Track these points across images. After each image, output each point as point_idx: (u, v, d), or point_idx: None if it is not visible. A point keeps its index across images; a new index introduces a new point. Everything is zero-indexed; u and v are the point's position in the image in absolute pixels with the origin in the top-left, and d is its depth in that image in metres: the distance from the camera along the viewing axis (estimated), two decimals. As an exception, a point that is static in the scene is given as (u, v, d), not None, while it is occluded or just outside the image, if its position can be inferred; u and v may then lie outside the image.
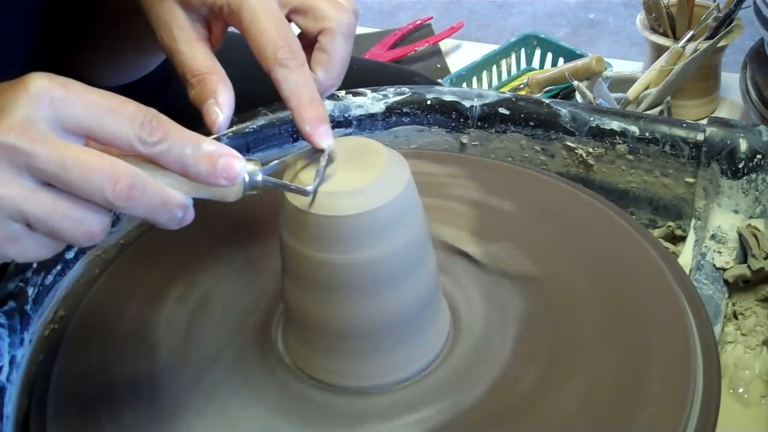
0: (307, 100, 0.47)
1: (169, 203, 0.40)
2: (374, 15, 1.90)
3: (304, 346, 0.52)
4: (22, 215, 0.38)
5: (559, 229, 0.61)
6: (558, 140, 0.72)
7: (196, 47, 0.49)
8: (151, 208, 0.40)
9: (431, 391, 0.50)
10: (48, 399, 0.52)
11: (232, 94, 0.48)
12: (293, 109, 0.47)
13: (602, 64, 1.17)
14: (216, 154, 0.40)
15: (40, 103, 0.38)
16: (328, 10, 0.49)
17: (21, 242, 0.40)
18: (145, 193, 0.39)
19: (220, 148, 0.41)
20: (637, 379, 0.49)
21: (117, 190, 0.38)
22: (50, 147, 0.37)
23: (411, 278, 0.48)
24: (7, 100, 0.37)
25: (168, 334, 0.55)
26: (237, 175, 0.41)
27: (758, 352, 0.62)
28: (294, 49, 0.48)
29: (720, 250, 0.65)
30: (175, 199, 0.41)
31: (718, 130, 0.67)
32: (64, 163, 0.37)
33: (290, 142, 0.71)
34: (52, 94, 0.38)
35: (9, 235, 0.39)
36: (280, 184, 0.45)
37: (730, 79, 1.26)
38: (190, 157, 0.40)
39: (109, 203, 0.39)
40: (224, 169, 0.40)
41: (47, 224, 0.39)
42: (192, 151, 0.40)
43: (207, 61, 0.48)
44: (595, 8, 1.87)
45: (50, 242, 0.41)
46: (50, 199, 0.38)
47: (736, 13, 1.16)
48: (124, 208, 0.39)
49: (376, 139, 0.50)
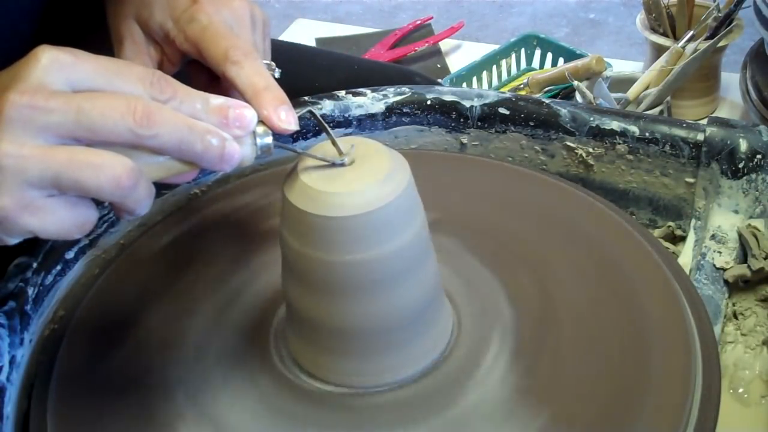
0: (262, 86, 0.47)
1: (195, 128, 0.40)
2: (374, 15, 1.90)
3: (305, 345, 0.52)
4: (41, 176, 0.38)
5: (560, 230, 0.61)
6: (558, 140, 0.72)
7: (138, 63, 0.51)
8: (179, 136, 0.40)
9: (432, 391, 0.50)
10: (48, 399, 0.52)
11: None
12: (250, 99, 0.47)
13: (602, 64, 1.17)
14: (225, 106, 0.41)
15: (51, 68, 0.38)
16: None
17: (40, 212, 0.39)
18: (166, 120, 0.39)
19: (227, 100, 0.42)
20: (637, 379, 0.49)
21: (137, 118, 0.38)
22: (65, 99, 0.38)
23: (412, 278, 0.48)
24: (20, 69, 0.38)
25: (168, 334, 0.55)
26: (249, 122, 0.42)
27: (758, 352, 0.62)
28: (244, 49, 0.49)
29: (720, 250, 0.65)
30: (200, 125, 0.40)
31: (718, 130, 0.67)
32: (81, 108, 0.38)
33: (290, 142, 0.71)
34: (61, 60, 0.39)
35: (26, 203, 0.38)
36: (290, 148, 0.47)
37: (730, 79, 1.26)
38: (201, 112, 0.41)
39: (135, 134, 0.38)
40: (236, 119, 0.41)
41: (68, 177, 0.38)
42: (202, 105, 0.41)
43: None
44: (595, 8, 1.87)
45: (71, 213, 0.40)
46: (67, 152, 0.38)
47: (736, 13, 1.16)
48: (151, 137, 0.39)
49: (376, 139, 0.50)
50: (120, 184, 0.39)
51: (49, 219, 0.39)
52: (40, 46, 0.39)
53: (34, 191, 0.38)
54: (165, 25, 0.52)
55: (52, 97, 0.38)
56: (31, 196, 0.38)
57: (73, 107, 0.38)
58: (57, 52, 0.39)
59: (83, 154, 0.38)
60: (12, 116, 0.37)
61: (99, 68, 0.39)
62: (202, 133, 0.41)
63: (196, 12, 0.51)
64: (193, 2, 0.52)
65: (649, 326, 0.53)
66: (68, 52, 0.39)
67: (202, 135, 0.41)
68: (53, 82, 0.38)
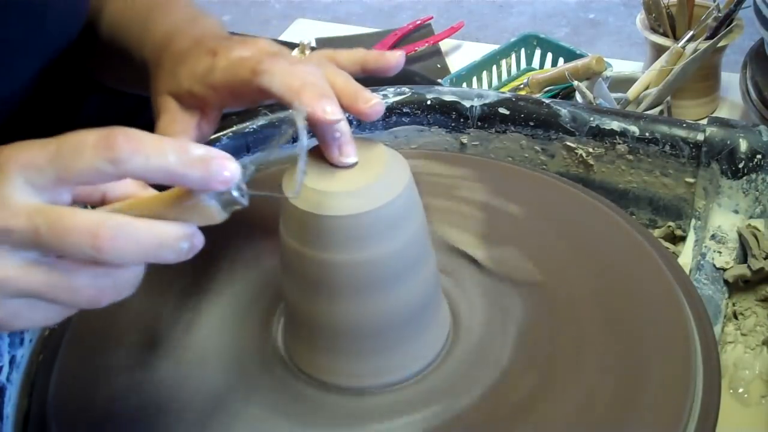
0: (298, 85, 0.46)
1: (167, 240, 0.37)
2: (374, 15, 1.90)
3: (304, 345, 0.52)
4: (23, 292, 0.37)
5: (560, 230, 0.61)
6: (558, 140, 0.72)
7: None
8: (147, 253, 0.37)
9: (430, 391, 0.50)
10: (48, 399, 0.52)
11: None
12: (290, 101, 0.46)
13: (602, 64, 1.17)
14: (208, 157, 0.36)
15: (10, 175, 0.36)
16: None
17: (26, 315, 0.39)
18: (132, 239, 0.36)
19: (209, 150, 0.37)
20: (637, 379, 0.49)
21: (97, 244, 0.36)
22: (25, 218, 0.36)
23: (411, 278, 0.48)
24: None
25: (168, 333, 0.55)
26: (233, 177, 0.37)
27: (758, 352, 0.62)
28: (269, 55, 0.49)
29: (720, 250, 0.65)
30: (171, 233, 0.37)
31: (718, 130, 0.67)
32: (37, 231, 0.36)
33: (291, 142, 0.71)
34: (17, 162, 0.36)
35: (12, 312, 0.38)
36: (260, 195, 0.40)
37: (730, 79, 1.26)
38: (178, 165, 0.36)
39: (97, 260, 0.36)
40: (218, 172, 0.36)
41: (46, 298, 0.38)
42: (177, 158, 0.36)
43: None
44: (595, 8, 1.87)
45: (56, 308, 0.39)
46: (43, 273, 0.37)
47: (736, 13, 1.15)
48: (114, 260, 0.37)
49: (376, 139, 0.50)
50: (98, 303, 0.39)
51: (34, 316, 0.39)
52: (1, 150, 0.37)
53: (18, 300, 0.38)
54: (192, 89, 0.52)
55: (12, 216, 0.36)
56: (16, 306, 0.38)
57: (30, 228, 0.36)
58: (11, 152, 0.37)
59: (60, 278, 0.37)
60: None
61: (52, 156, 0.36)
62: (174, 243, 0.37)
63: (216, 62, 0.51)
64: (213, 56, 0.51)
65: (649, 326, 0.53)
66: (23, 150, 0.37)
67: (172, 245, 0.37)
68: (15, 189, 0.36)
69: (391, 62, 0.51)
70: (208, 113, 0.54)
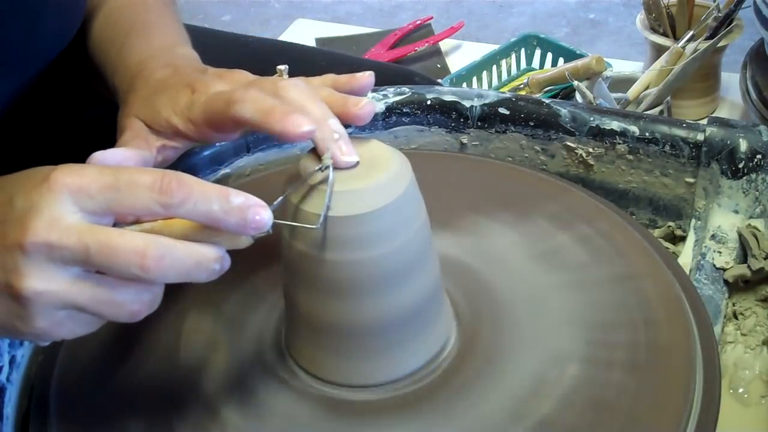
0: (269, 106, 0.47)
1: (203, 261, 0.41)
2: (374, 15, 1.91)
3: (305, 345, 0.52)
4: (68, 305, 0.40)
5: (559, 230, 0.61)
6: (558, 140, 0.72)
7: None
8: (186, 272, 0.40)
9: (431, 391, 0.50)
10: (48, 399, 0.52)
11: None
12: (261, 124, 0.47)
13: (602, 64, 1.17)
14: (245, 206, 0.40)
15: (61, 198, 0.39)
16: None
17: (68, 326, 0.41)
18: (175, 260, 0.40)
19: (247, 199, 0.41)
20: (637, 378, 0.49)
21: (145, 264, 0.39)
22: (77, 237, 0.39)
23: (413, 278, 0.48)
24: (34, 201, 0.39)
25: (167, 334, 0.55)
26: (266, 224, 0.41)
27: (758, 352, 0.62)
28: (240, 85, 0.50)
29: (720, 250, 0.65)
30: (208, 255, 0.41)
31: (718, 130, 0.67)
32: (87, 251, 0.39)
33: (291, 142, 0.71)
34: (69, 186, 0.39)
35: (57, 321, 0.41)
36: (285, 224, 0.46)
37: (730, 79, 1.26)
38: (220, 213, 0.40)
39: (142, 279, 0.39)
40: (253, 220, 0.40)
41: (90, 311, 0.40)
42: (219, 206, 0.40)
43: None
44: (595, 8, 1.87)
45: (97, 320, 0.42)
46: (90, 287, 0.40)
47: (736, 13, 1.16)
48: (157, 279, 0.40)
49: (376, 138, 0.50)
50: (137, 316, 0.42)
51: (77, 326, 0.42)
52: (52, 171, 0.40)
53: (63, 311, 0.41)
54: (171, 120, 0.53)
55: (64, 235, 0.39)
56: (61, 316, 0.41)
57: (81, 247, 0.39)
58: (63, 176, 0.39)
59: (105, 293, 0.40)
60: (32, 253, 0.39)
61: (105, 188, 0.39)
62: (209, 264, 0.41)
63: (196, 98, 0.52)
64: (193, 92, 0.53)
65: (649, 326, 0.53)
66: (76, 175, 0.39)
67: (207, 265, 0.41)
68: (66, 212, 0.39)
69: (362, 82, 0.52)
70: (178, 141, 0.54)
